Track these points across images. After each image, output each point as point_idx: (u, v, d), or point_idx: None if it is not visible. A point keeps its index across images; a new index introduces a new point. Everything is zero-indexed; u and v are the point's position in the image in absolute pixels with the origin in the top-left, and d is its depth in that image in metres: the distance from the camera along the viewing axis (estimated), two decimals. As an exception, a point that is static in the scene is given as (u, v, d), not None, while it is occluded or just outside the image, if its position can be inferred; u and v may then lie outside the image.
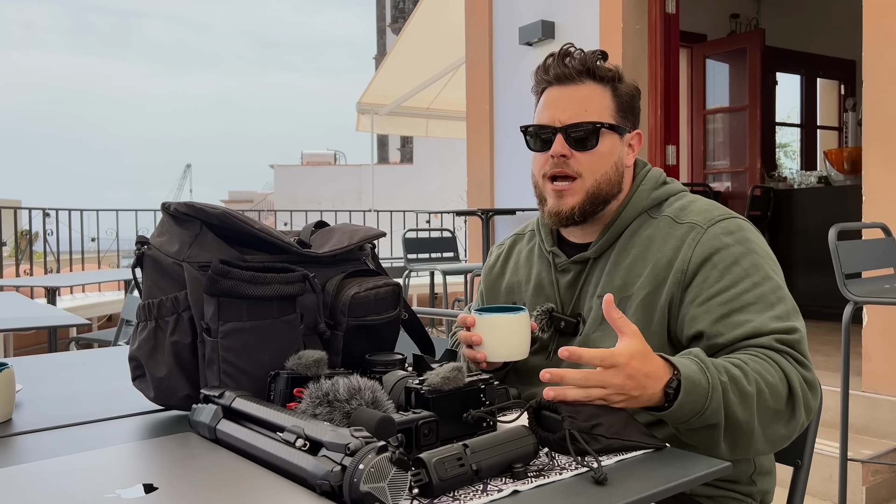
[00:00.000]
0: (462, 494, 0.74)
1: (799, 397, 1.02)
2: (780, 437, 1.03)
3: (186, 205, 1.06)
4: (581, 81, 1.20)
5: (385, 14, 26.76)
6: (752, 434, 1.00)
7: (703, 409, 0.95)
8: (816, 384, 1.05)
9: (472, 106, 5.35)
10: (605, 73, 1.21)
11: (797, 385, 1.02)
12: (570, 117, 1.19)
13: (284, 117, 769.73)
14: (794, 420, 1.03)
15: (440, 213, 7.39)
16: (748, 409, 0.98)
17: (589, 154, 1.19)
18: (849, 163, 5.07)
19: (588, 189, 1.19)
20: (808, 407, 1.04)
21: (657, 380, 0.94)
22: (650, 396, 0.95)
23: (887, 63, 2.94)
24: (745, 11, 6.53)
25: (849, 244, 2.35)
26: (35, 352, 4.88)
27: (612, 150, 1.21)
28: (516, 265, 1.36)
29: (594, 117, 1.19)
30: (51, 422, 1.06)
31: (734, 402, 0.97)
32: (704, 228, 1.15)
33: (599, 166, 1.19)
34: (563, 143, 1.19)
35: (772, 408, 1.00)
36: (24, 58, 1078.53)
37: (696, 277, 1.12)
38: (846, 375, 2.34)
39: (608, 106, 1.21)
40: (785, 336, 1.05)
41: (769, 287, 1.10)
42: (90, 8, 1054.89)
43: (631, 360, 0.92)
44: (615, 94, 1.21)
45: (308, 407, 0.86)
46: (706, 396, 0.95)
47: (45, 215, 6.36)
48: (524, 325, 1.14)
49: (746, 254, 1.12)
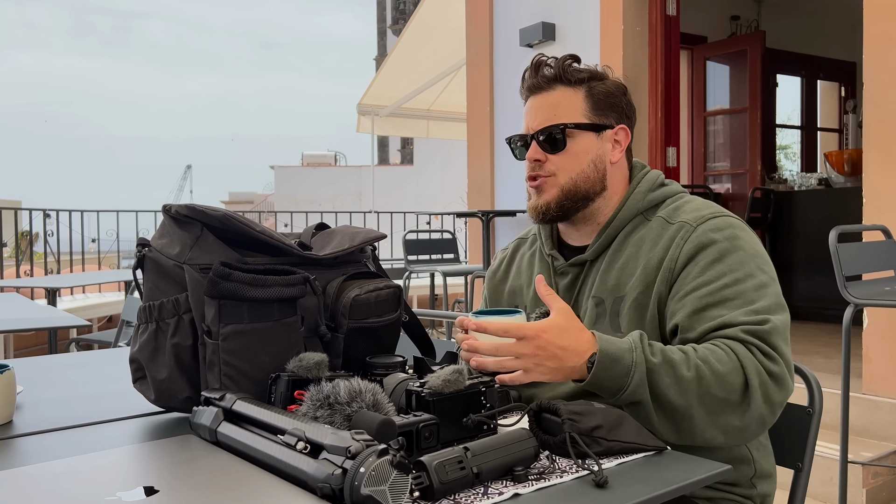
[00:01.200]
0: (463, 497, 0.74)
1: (755, 388, 1.01)
2: (734, 428, 1.02)
3: (187, 207, 1.06)
4: (552, 88, 1.24)
5: (385, 15, 26.78)
6: (692, 420, 1.01)
7: (624, 386, 1.00)
8: (783, 377, 1.04)
9: (473, 107, 5.35)
10: (576, 76, 1.24)
11: (754, 375, 1.01)
12: (539, 123, 1.23)
13: (285, 118, 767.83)
14: (749, 411, 1.01)
15: (440, 215, 7.39)
16: (684, 394, 1.00)
17: (561, 155, 1.23)
18: (849, 165, 5.07)
19: (563, 185, 1.22)
20: (769, 400, 1.02)
21: (577, 354, 1.00)
22: (571, 369, 1.00)
23: (888, 65, 2.94)
24: (745, 13, 6.54)
25: (849, 246, 2.35)
26: (35, 353, 4.88)
27: (587, 148, 1.23)
28: (518, 269, 1.37)
29: (562, 119, 1.22)
30: (51, 424, 1.06)
31: (666, 384, 1.00)
32: (693, 227, 1.15)
33: (573, 165, 1.22)
34: (535, 149, 1.24)
35: (718, 396, 1.00)
36: (26, 58, 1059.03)
37: (681, 273, 1.13)
38: (846, 377, 2.34)
39: (579, 107, 1.23)
40: (754, 327, 1.05)
41: (751, 284, 1.09)
42: (91, 9, 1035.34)
43: (541, 333, 0.99)
44: (589, 94, 1.24)
45: (309, 409, 0.86)
46: (627, 375, 0.99)
47: (45, 216, 6.36)
48: None
49: (732, 250, 1.12)
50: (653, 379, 1.00)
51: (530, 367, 0.99)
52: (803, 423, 1.21)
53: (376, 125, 8.82)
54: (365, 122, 8.77)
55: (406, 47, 7.70)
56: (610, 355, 1.00)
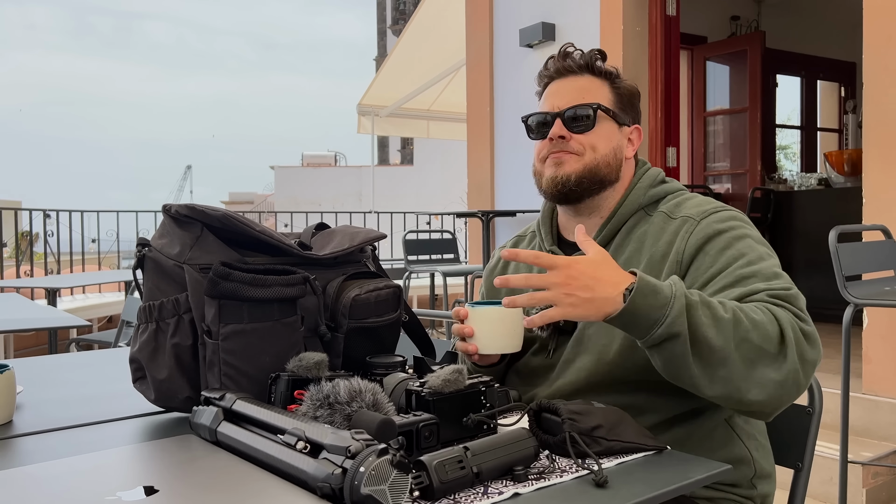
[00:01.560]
0: (463, 497, 0.74)
1: (790, 340, 0.98)
2: (771, 381, 0.97)
3: (187, 207, 1.06)
4: (581, 74, 1.26)
5: (385, 16, 26.78)
6: (730, 364, 0.96)
7: (663, 316, 0.95)
8: (816, 338, 1.01)
9: (473, 108, 5.35)
10: (604, 70, 1.27)
11: (788, 328, 0.98)
12: (567, 102, 1.24)
13: (285, 118, 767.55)
14: (785, 364, 0.97)
15: (440, 215, 7.39)
16: (722, 333, 0.95)
17: (587, 135, 1.23)
18: (849, 165, 5.07)
19: (587, 163, 1.22)
20: (804, 357, 0.99)
21: (612, 284, 0.96)
22: (604, 300, 0.96)
23: (888, 65, 2.94)
24: (745, 13, 6.54)
25: (849, 246, 2.35)
26: (35, 353, 4.88)
27: (611, 135, 1.25)
28: (517, 266, 1.37)
29: (592, 101, 1.24)
30: (51, 424, 1.06)
31: (704, 322, 0.95)
32: (697, 221, 1.15)
33: (599, 146, 1.23)
34: (561, 126, 1.23)
35: (756, 343, 0.96)
36: (27, 59, 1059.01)
37: (691, 267, 1.12)
38: (846, 377, 2.34)
39: (606, 96, 1.26)
40: (781, 292, 1.03)
41: (766, 265, 1.09)
42: (92, 9, 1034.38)
43: (574, 263, 0.97)
44: (613, 88, 1.27)
45: (309, 409, 0.86)
46: (666, 305, 0.95)
47: (45, 216, 6.36)
48: (516, 318, 1.14)
49: (740, 238, 1.12)
50: (691, 314, 0.96)
51: (561, 298, 0.96)
52: (803, 422, 1.21)
53: (376, 125, 8.82)
54: (365, 122, 8.77)
55: (406, 48, 7.70)
56: (649, 284, 0.96)
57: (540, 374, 1.24)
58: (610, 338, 1.14)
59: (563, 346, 1.22)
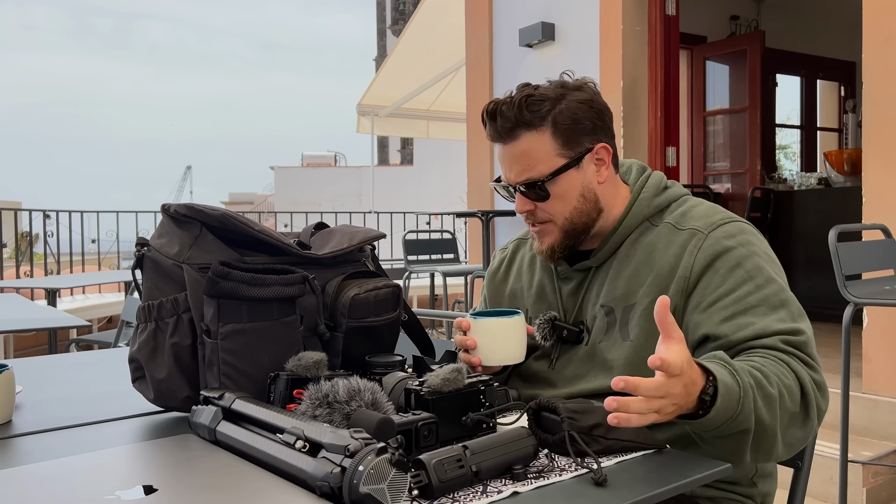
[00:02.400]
0: (462, 496, 0.74)
1: (811, 398, 1.01)
2: (797, 439, 1.02)
3: (186, 206, 1.06)
4: (516, 136, 1.16)
5: (385, 16, 26.78)
6: (775, 438, 0.98)
7: (735, 414, 0.92)
8: (825, 386, 1.04)
9: (473, 107, 5.35)
10: (537, 115, 1.15)
11: (809, 386, 1.01)
12: (516, 175, 1.19)
13: (285, 119, 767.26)
14: (808, 421, 1.01)
15: (440, 215, 7.39)
16: (772, 413, 0.96)
17: (549, 203, 1.19)
18: (849, 164, 5.07)
19: (561, 227, 1.20)
20: (819, 409, 1.03)
21: (697, 386, 0.90)
22: (688, 403, 0.90)
23: (887, 65, 2.94)
24: (745, 13, 6.54)
25: (849, 245, 2.35)
26: (35, 353, 4.88)
27: (571, 186, 1.18)
28: (519, 271, 1.36)
29: (538, 170, 1.16)
30: (51, 423, 1.06)
31: (761, 406, 0.95)
32: (706, 234, 1.14)
33: (564, 208, 1.19)
34: (523, 201, 1.20)
35: (790, 410, 0.98)
36: (26, 60, 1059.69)
37: (699, 284, 1.11)
38: (846, 377, 2.34)
39: (550, 149, 1.16)
40: (791, 337, 1.04)
41: (772, 290, 1.09)
42: (92, 10, 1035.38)
43: (686, 367, 0.87)
44: (556, 131, 1.16)
45: (308, 408, 0.86)
46: (738, 401, 0.92)
47: (45, 217, 6.36)
48: (519, 329, 1.14)
49: (748, 256, 1.11)
50: (754, 403, 0.94)
51: (667, 407, 0.87)
52: (803, 421, 1.21)
53: (376, 125, 8.82)
54: (365, 122, 8.76)
55: (406, 48, 7.70)
56: (725, 384, 0.91)
57: (541, 380, 1.24)
58: (620, 352, 1.14)
59: (565, 355, 1.22)
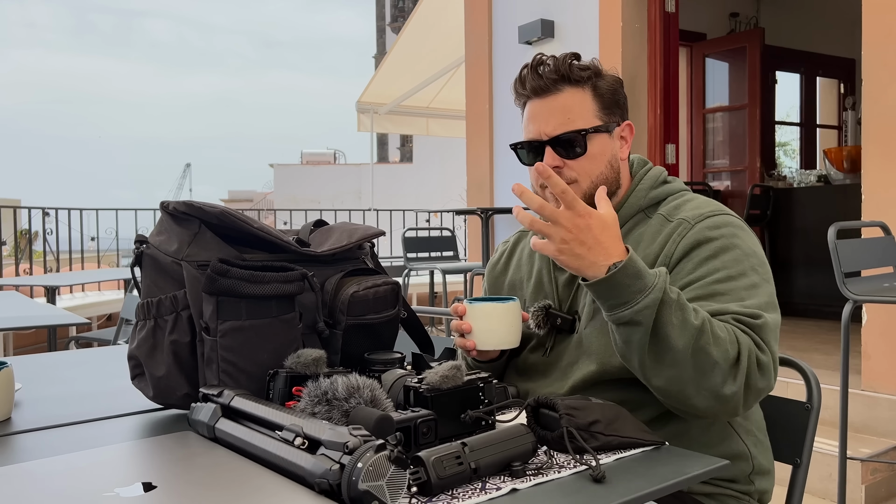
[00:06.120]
0: (460, 493, 0.74)
1: (743, 366, 1.00)
2: (715, 394, 0.99)
3: (185, 204, 1.06)
4: (559, 89, 1.18)
5: (385, 13, 26.75)
6: (681, 366, 0.98)
7: (634, 301, 0.97)
8: (769, 369, 1.02)
9: (472, 105, 5.35)
10: (581, 75, 1.19)
11: (746, 354, 1.00)
12: (554, 128, 1.18)
13: (285, 116, 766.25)
14: (732, 384, 0.99)
15: (440, 213, 7.39)
16: (683, 337, 0.97)
17: (581, 160, 1.18)
18: (848, 161, 5.07)
19: (586, 191, 1.18)
20: (751, 384, 1.01)
21: (605, 254, 0.98)
22: (591, 264, 0.98)
23: (887, 62, 2.94)
24: (744, 10, 6.53)
25: (848, 243, 2.35)
26: (34, 351, 4.88)
27: (604, 149, 1.20)
28: (519, 262, 1.37)
29: (579, 124, 1.17)
30: (50, 421, 1.06)
31: (671, 321, 0.97)
32: (691, 224, 1.15)
33: (594, 169, 1.19)
34: (553, 156, 1.18)
35: (712, 357, 0.98)
36: (27, 57, 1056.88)
37: (675, 269, 1.12)
38: (845, 374, 2.34)
39: (591, 108, 1.19)
40: (747, 318, 1.04)
41: (743, 283, 1.09)
42: (92, 7, 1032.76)
43: (588, 216, 0.97)
44: (596, 94, 1.20)
45: (307, 405, 0.86)
46: (642, 291, 0.97)
47: (44, 214, 6.36)
48: (514, 314, 1.15)
49: (727, 248, 1.12)
50: (662, 310, 0.97)
51: (558, 239, 0.97)
52: (802, 418, 1.21)
53: (376, 123, 8.81)
54: (364, 119, 8.75)
55: (405, 45, 7.69)
56: (636, 266, 0.97)
57: (538, 372, 1.24)
58: (605, 338, 1.14)
59: (560, 344, 1.22)
